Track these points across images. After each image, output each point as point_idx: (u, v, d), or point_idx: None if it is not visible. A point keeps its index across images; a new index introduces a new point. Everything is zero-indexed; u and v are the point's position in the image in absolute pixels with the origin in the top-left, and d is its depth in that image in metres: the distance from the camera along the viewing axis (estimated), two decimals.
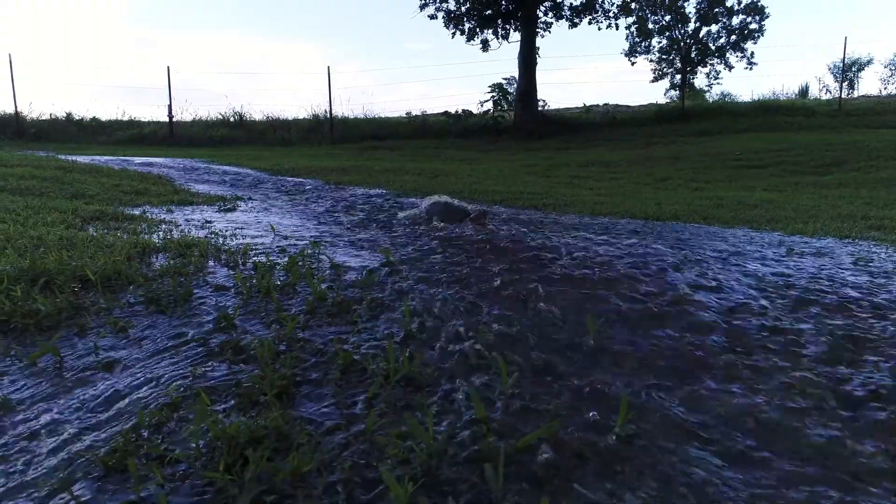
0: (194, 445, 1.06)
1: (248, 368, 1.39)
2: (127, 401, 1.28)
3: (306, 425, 1.14)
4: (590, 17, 16.70)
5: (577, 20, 16.65)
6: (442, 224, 3.32)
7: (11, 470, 1.03)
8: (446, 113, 16.23)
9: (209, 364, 1.43)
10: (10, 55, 14.65)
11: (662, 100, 21.64)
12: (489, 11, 16.36)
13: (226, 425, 1.07)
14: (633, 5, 17.22)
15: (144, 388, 1.32)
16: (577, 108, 18.75)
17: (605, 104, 19.51)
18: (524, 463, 1.03)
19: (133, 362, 1.47)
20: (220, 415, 1.16)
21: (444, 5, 16.49)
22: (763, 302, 1.83)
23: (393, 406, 1.22)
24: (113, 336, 1.62)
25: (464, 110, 16.07)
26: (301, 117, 16.57)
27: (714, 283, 2.00)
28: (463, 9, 16.50)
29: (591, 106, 18.39)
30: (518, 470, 1.01)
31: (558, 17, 16.67)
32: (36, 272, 1.94)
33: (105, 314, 1.76)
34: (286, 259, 2.37)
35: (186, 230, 3.09)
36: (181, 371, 1.40)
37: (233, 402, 1.23)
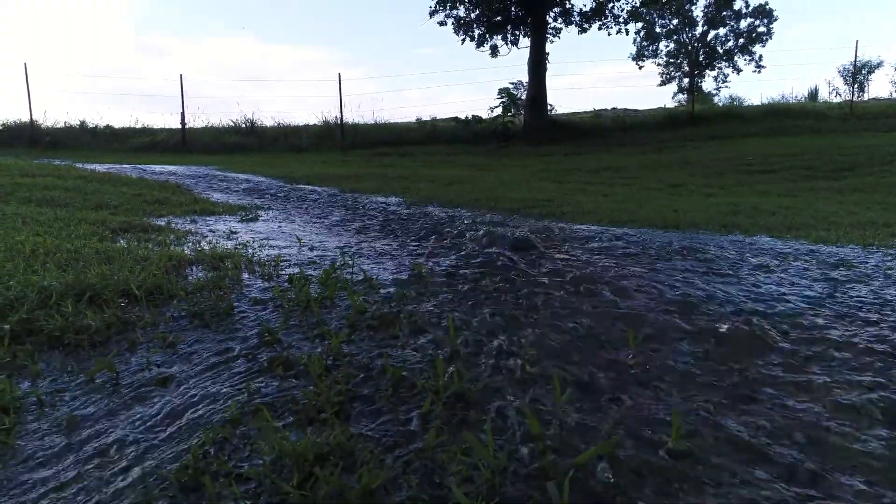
0: (262, 462, 1.09)
1: (301, 384, 1.43)
2: (186, 417, 1.31)
3: (367, 442, 1.17)
4: (599, 22, 16.73)
5: (586, 25, 16.71)
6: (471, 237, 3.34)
7: (90, 488, 1.07)
8: (456, 119, 16.30)
9: (261, 380, 1.46)
10: (25, 64, 14.85)
11: (671, 104, 21.63)
12: (499, 18, 16.43)
13: (294, 443, 1.11)
14: (641, 10, 17.25)
15: (202, 405, 1.36)
16: (586, 112, 18.78)
17: (614, 108, 19.53)
18: (583, 480, 1.05)
19: (186, 378, 1.51)
20: (283, 432, 1.19)
21: (454, 12, 16.57)
22: None
23: (448, 422, 1.24)
24: (163, 351, 1.66)
25: (473, 116, 16.14)
26: (311, 123, 16.67)
27: None
28: (472, 15, 16.59)
29: (600, 110, 18.41)
30: (578, 487, 1.04)
31: (568, 22, 16.74)
32: (81, 287, 1.99)
33: (152, 329, 1.80)
34: (319, 271, 2.41)
35: (214, 241, 3.14)
36: (235, 387, 1.43)
37: (291, 418, 1.27)
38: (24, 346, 1.66)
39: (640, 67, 20.30)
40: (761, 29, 21.92)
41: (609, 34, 17.27)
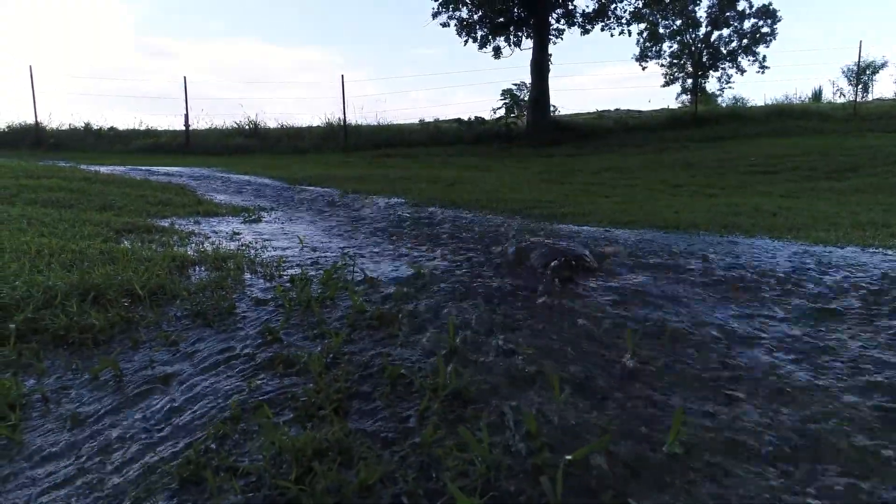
0: (262, 458, 1.11)
1: (301, 381, 1.45)
2: (188, 414, 1.34)
3: (365, 438, 1.19)
4: (602, 23, 16.75)
5: (589, 27, 16.73)
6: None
7: (93, 482, 1.09)
8: (459, 120, 16.33)
9: (262, 377, 1.49)
10: (30, 66, 14.95)
11: (674, 104, 21.63)
12: (501, 19, 16.47)
13: (293, 438, 1.13)
14: (644, 11, 17.26)
15: (203, 402, 1.38)
16: (588, 113, 18.80)
17: (617, 109, 19.55)
18: (578, 476, 1.07)
19: (188, 376, 1.53)
20: (282, 428, 1.21)
21: (457, 13, 16.62)
22: None
23: (445, 419, 1.27)
24: (165, 350, 1.69)
25: (476, 117, 16.18)
26: (315, 125, 16.73)
27: None
28: (475, 17, 16.62)
29: (603, 111, 18.43)
30: (573, 482, 1.06)
31: (570, 23, 16.76)
32: (85, 287, 2.02)
33: (155, 328, 1.83)
34: (320, 272, 2.43)
35: (217, 242, 3.16)
36: (236, 384, 1.45)
37: (291, 415, 1.29)
38: (29, 344, 1.69)
39: (644, 68, 20.24)
40: (765, 29, 21.85)
41: (612, 35, 17.32)
